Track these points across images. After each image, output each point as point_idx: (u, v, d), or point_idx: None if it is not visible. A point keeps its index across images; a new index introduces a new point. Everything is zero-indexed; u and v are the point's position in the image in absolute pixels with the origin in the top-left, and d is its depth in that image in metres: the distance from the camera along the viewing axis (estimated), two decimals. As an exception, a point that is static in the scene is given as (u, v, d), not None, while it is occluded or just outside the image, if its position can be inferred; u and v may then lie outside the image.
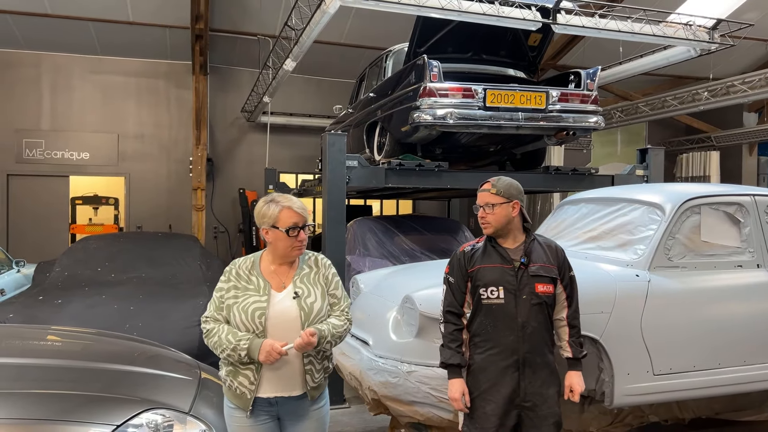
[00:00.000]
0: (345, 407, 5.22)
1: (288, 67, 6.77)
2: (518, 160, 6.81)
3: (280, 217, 2.40)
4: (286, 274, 2.49)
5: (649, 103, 10.45)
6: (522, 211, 2.77)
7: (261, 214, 2.44)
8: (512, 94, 5.41)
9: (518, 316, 2.68)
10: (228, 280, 2.47)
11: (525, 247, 2.75)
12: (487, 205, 2.75)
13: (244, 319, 2.36)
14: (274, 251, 2.45)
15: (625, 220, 3.91)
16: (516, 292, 2.69)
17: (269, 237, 2.43)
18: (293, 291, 2.44)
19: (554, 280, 2.73)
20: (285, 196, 2.46)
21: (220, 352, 2.37)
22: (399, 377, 3.28)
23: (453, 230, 7.43)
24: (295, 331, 2.38)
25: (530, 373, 2.69)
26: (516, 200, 2.74)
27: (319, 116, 10.82)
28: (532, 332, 2.68)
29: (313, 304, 2.44)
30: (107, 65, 10.34)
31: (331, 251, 5.25)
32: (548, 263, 2.74)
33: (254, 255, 2.53)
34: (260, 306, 2.38)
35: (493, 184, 2.78)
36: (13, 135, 9.94)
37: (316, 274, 2.53)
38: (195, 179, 9.59)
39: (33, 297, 5.24)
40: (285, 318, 2.40)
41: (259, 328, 2.36)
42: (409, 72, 5.61)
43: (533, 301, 2.69)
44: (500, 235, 2.76)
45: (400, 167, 5.48)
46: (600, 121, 5.74)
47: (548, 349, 2.75)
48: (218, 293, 2.46)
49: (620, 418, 3.93)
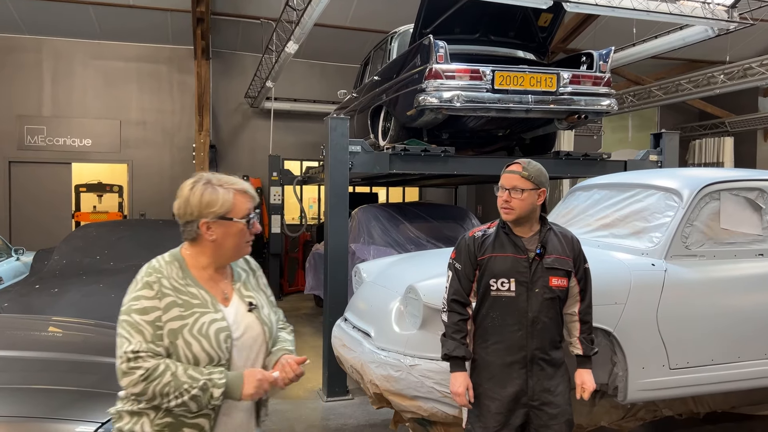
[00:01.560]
0: (348, 399, 5.10)
1: (290, 50, 6.59)
2: (527, 145, 6.62)
3: (236, 203, 1.77)
4: (223, 281, 1.86)
5: (662, 87, 10.19)
6: (544, 201, 2.58)
7: (206, 202, 1.74)
8: (522, 76, 5.22)
9: (529, 311, 2.50)
10: (160, 295, 1.71)
11: (541, 237, 2.55)
12: (514, 189, 2.51)
13: (206, 346, 1.70)
14: (219, 252, 1.80)
15: (639, 207, 3.73)
16: (528, 285, 2.51)
17: (214, 233, 1.76)
18: (245, 301, 1.86)
19: (569, 273, 2.56)
20: (220, 177, 1.82)
21: (173, 399, 1.64)
22: (402, 371, 3.13)
23: (460, 218, 7.28)
24: (260, 354, 1.86)
25: (538, 371, 2.53)
26: (544, 188, 2.55)
27: (324, 102, 10.64)
28: (543, 328, 2.52)
29: (270, 317, 1.92)
30: (109, 50, 10.18)
31: (333, 240, 5.10)
32: (564, 255, 2.56)
33: (172, 257, 1.81)
34: (221, 326, 1.74)
35: (524, 167, 2.55)
36: (14, 121, 9.84)
37: (254, 278, 1.99)
38: (198, 166, 9.45)
39: (30, 286, 5.14)
40: (249, 341, 1.82)
41: (226, 356, 1.74)
42: (415, 53, 5.42)
43: (546, 295, 2.51)
44: (518, 223, 2.56)
45: (405, 152, 5.30)
46: (613, 104, 5.54)
47: (557, 346, 2.59)
48: (148, 315, 1.68)
49: (632, 413, 3.78)
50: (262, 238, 10.24)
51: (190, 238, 1.79)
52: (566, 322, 2.64)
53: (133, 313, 1.69)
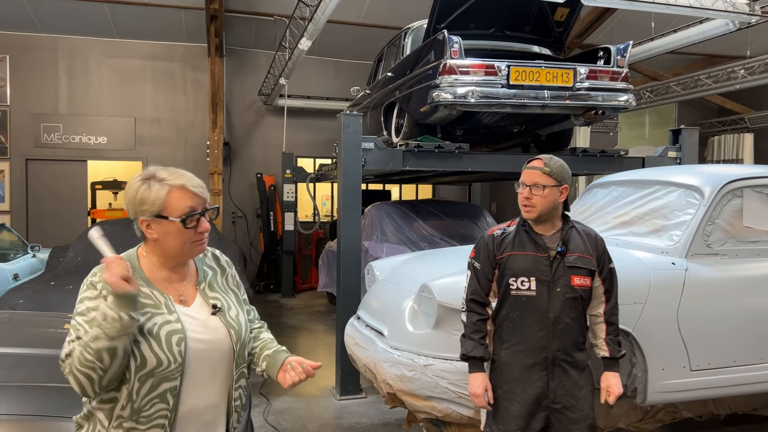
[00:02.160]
0: (361, 397, 5.07)
1: (303, 47, 6.55)
2: (543, 142, 6.53)
3: (170, 201, 1.63)
4: (183, 282, 1.75)
5: (680, 82, 10.02)
6: (566, 198, 2.51)
7: (139, 199, 1.63)
8: (537, 71, 5.13)
9: (550, 311, 2.42)
10: (105, 292, 1.57)
11: (562, 235, 2.47)
12: (536, 186, 2.43)
13: (155, 347, 1.58)
14: (164, 251, 1.69)
15: (659, 204, 3.65)
16: (549, 284, 2.42)
17: (154, 231, 1.66)
18: (208, 303, 1.75)
19: (592, 273, 2.47)
20: (171, 170, 1.69)
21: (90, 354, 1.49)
22: (415, 371, 3.08)
23: (474, 215, 7.21)
24: (226, 360, 1.74)
25: (560, 373, 2.45)
26: (566, 185, 2.47)
27: (338, 99, 10.60)
28: (564, 329, 2.43)
29: (238, 319, 1.79)
30: (123, 48, 10.23)
31: (346, 237, 5.06)
32: (587, 254, 2.47)
33: (126, 256, 1.71)
34: (174, 328, 1.63)
35: (546, 162, 2.47)
36: (31, 119, 9.92)
37: (223, 276, 1.87)
38: (212, 164, 9.48)
39: (45, 282, 5.16)
40: (211, 345, 1.70)
41: (178, 360, 1.61)
42: (429, 49, 5.36)
43: (568, 295, 2.42)
44: (541, 220, 2.47)
45: (419, 149, 5.24)
46: (631, 100, 5.44)
47: (581, 348, 2.50)
48: (89, 315, 1.56)
49: (651, 414, 3.71)
50: (276, 236, 10.25)
51: (139, 236, 1.71)
52: (591, 324, 2.56)
53: (76, 316, 1.60)
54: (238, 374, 1.79)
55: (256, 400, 4.91)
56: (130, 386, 1.60)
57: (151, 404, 1.61)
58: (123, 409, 1.61)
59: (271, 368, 1.82)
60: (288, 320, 8.16)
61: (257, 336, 1.94)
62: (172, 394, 1.63)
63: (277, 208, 10.26)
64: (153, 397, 1.61)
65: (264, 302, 9.38)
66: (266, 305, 9.16)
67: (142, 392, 1.60)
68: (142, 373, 1.59)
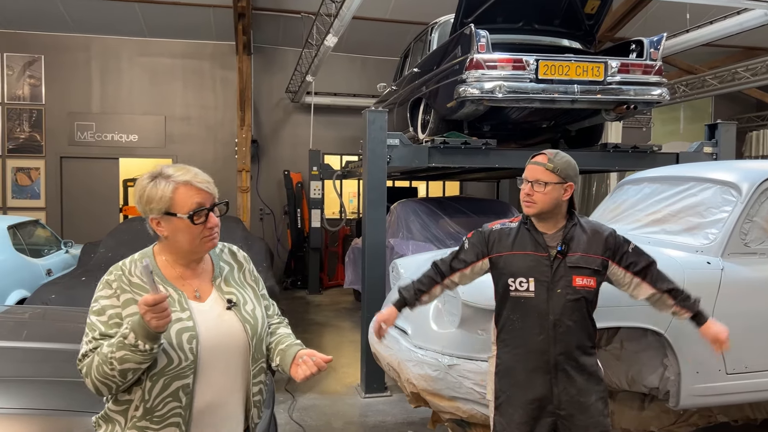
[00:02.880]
0: (386, 395, 5.04)
1: (329, 43, 6.54)
2: (573, 138, 6.39)
3: (176, 198, 1.64)
4: (198, 278, 1.75)
5: (717, 76, 9.70)
6: (572, 195, 2.39)
7: (147, 197, 1.65)
8: (567, 65, 5.02)
9: (550, 313, 2.30)
10: (119, 292, 1.62)
11: (564, 233, 2.35)
12: (537, 182, 2.32)
13: (165, 346, 1.58)
14: (175, 248, 1.70)
15: (694, 201, 3.53)
16: (549, 285, 2.30)
17: (164, 229, 1.67)
18: (224, 298, 1.75)
19: (597, 273, 2.33)
20: (179, 167, 1.70)
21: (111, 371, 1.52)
22: (440, 370, 3.03)
23: (501, 212, 7.10)
24: (241, 355, 1.73)
25: (564, 378, 2.33)
26: (571, 182, 2.35)
27: (364, 96, 10.58)
28: (566, 332, 2.31)
29: (254, 313, 1.77)
30: (154, 47, 10.37)
31: (371, 235, 5.04)
32: (590, 252, 2.34)
33: (142, 255, 1.74)
34: (185, 326, 1.62)
35: (549, 158, 2.35)
36: (65, 118, 10.13)
37: (240, 272, 1.87)
38: (240, 161, 9.55)
39: (76, 278, 5.26)
40: (225, 339, 1.69)
41: (190, 358, 1.61)
42: (456, 44, 5.28)
43: (569, 296, 2.30)
44: (543, 217, 2.37)
45: (444, 145, 5.18)
46: (664, 94, 5.28)
47: (588, 351, 2.37)
48: (104, 315, 1.60)
49: (684, 418, 3.59)
50: (303, 233, 10.29)
51: (152, 235, 1.72)
52: (654, 304, 2.46)
53: (91, 315, 1.62)
54: (257, 369, 1.78)
55: (281, 397, 4.92)
56: (143, 386, 1.60)
57: (163, 403, 1.61)
58: (137, 410, 1.62)
59: (284, 362, 1.81)
60: (314, 317, 8.18)
61: (274, 331, 1.92)
62: (184, 392, 1.62)
63: (304, 205, 10.30)
64: (165, 396, 1.61)
65: (291, 299, 9.43)
66: (293, 302, 9.20)
67: (154, 392, 1.60)
68: (153, 372, 1.59)
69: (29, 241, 6.22)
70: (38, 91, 10.07)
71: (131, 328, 1.50)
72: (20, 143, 10.05)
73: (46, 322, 3.64)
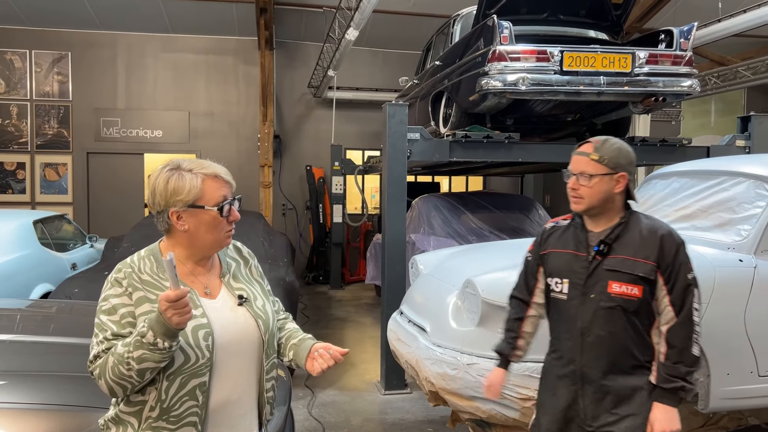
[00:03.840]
0: (406, 393, 4.99)
1: (350, 37, 6.49)
2: (599, 131, 6.23)
3: (205, 189, 1.60)
4: (207, 274, 1.71)
5: (750, 67, 9.39)
6: (628, 187, 2.10)
7: (171, 189, 1.59)
8: (593, 57, 4.88)
9: (578, 319, 2.09)
10: (131, 290, 1.58)
11: (611, 231, 2.09)
12: (582, 175, 2.07)
13: (182, 343, 1.54)
14: (195, 243, 1.65)
15: (725, 196, 3.39)
16: (583, 289, 2.08)
17: (186, 223, 1.61)
18: (234, 295, 1.71)
19: (642, 281, 2.02)
20: (196, 161, 1.66)
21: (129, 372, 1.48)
22: (458, 369, 2.97)
23: (525, 208, 6.99)
24: (255, 351, 1.70)
25: (591, 393, 2.10)
26: (623, 172, 2.07)
27: (387, 90, 10.50)
28: (596, 342, 2.07)
29: (265, 309, 1.74)
30: (178, 43, 10.45)
31: (391, 230, 4.98)
32: (638, 256, 2.03)
33: (149, 251, 1.68)
34: (200, 323, 1.58)
35: (595, 147, 2.09)
36: (92, 114, 10.27)
37: (246, 267, 1.83)
38: (262, 156, 9.57)
39: (99, 272, 5.30)
40: (239, 336, 1.66)
41: (206, 355, 1.57)
42: (478, 36, 5.19)
43: (602, 303, 2.05)
44: (593, 214, 2.12)
45: (466, 140, 5.09)
46: (695, 85, 5.10)
47: (623, 370, 2.08)
48: (115, 314, 1.56)
49: (714, 421, 3.48)
50: (325, 228, 10.28)
51: (164, 230, 1.66)
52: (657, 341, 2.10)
53: (101, 315, 1.57)
54: (269, 365, 1.75)
55: (301, 393, 4.90)
56: (159, 386, 1.56)
57: (180, 402, 1.57)
58: (152, 410, 1.58)
59: (299, 357, 1.77)
60: (336, 312, 8.16)
61: (282, 326, 1.90)
62: (201, 390, 1.59)
63: (326, 201, 10.29)
64: (182, 395, 1.57)
65: (313, 294, 9.43)
66: (315, 297, 9.21)
67: (171, 391, 1.56)
68: (170, 372, 1.56)
69: (54, 235, 6.31)
70: (65, 87, 10.23)
71: (149, 326, 1.45)
72: (48, 139, 10.22)
73: (69, 316, 3.66)
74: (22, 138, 10.16)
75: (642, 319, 2.06)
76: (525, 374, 2.84)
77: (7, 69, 10.06)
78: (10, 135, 10.12)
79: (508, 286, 2.47)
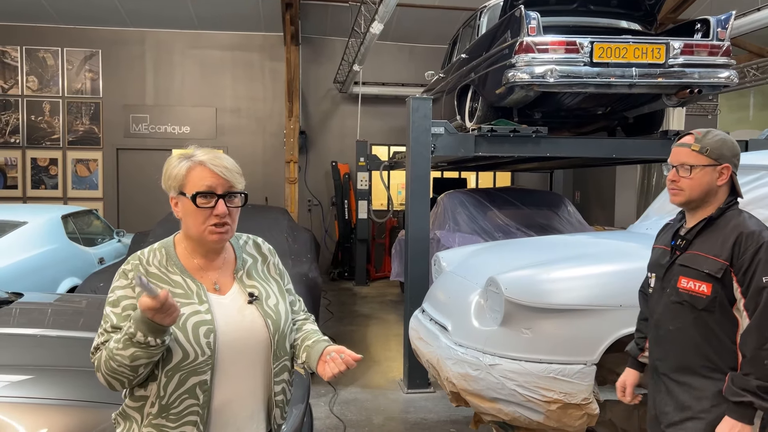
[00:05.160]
0: (429, 392, 4.91)
1: (375, 31, 6.40)
2: (631, 125, 6.04)
3: (189, 176, 1.58)
4: (219, 270, 1.67)
5: (792, 59, 9.02)
6: (732, 180, 2.02)
7: (166, 174, 1.62)
8: (624, 47, 4.71)
9: (654, 312, 2.14)
10: (134, 281, 1.55)
11: (694, 226, 2.05)
12: (682, 166, 2.02)
13: (182, 339, 1.51)
14: (188, 233, 1.63)
15: (764, 192, 3.21)
16: (662, 283, 2.10)
17: (179, 210, 1.62)
18: (245, 292, 1.66)
19: (712, 279, 1.93)
20: (207, 150, 1.63)
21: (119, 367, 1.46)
22: (480, 370, 2.87)
23: (554, 204, 6.82)
24: (262, 352, 1.64)
25: (663, 388, 2.10)
26: (727, 163, 2.00)
27: (413, 85, 10.41)
28: (666, 337, 2.07)
29: (277, 308, 1.68)
30: (205, 39, 10.51)
31: (414, 226, 4.89)
32: (712, 253, 1.95)
33: (162, 244, 1.68)
34: (203, 319, 1.54)
35: (697, 138, 2.04)
36: (121, 111, 10.41)
37: (264, 265, 1.78)
38: (288, 152, 9.57)
39: (124, 267, 5.34)
40: (245, 334, 1.61)
41: (207, 353, 1.52)
42: (505, 27, 5.05)
43: (672, 298, 2.04)
44: (693, 207, 2.05)
45: (492, 134, 4.97)
46: (732, 77, 4.89)
47: (694, 371, 2.00)
48: (118, 306, 1.54)
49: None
50: (350, 224, 10.24)
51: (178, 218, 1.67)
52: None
53: (107, 306, 1.57)
54: (279, 367, 1.68)
55: (323, 390, 4.86)
56: (158, 382, 1.53)
57: (180, 400, 1.53)
58: (152, 407, 1.55)
59: (311, 359, 1.70)
60: (360, 308, 8.11)
61: (300, 327, 1.82)
62: (201, 388, 1.54)
63: (352, 197, 10.24)
64: (182, 393, 1.53)
65: (337, 290, 9.40)
66: (340, 293, 9.18)
67: (169, 388, 1.52)
68: (168, 367, 1.52)
69: (83, 230, 6.39)
70: (96, 84, 10.38)
71: (136, 327, 1.42)
72: (79, 135, 10.40)
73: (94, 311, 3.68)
74: (55, 134, 10.36)
75: (718, 320, 1.95)
76: (550, 376, 2.74)
77: (40, 67, 10.26)
78: (43, 131, 10.33)
79: (533, 285, 2.37)
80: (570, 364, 2.74)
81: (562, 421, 2.78)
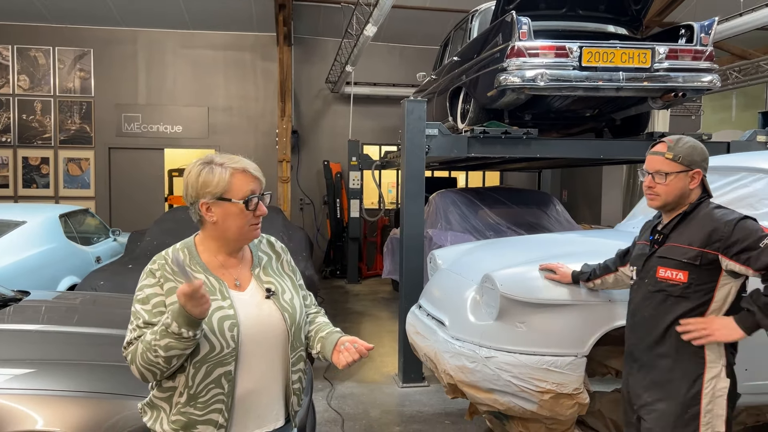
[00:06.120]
0: (423, 386, 5.04)
1: (369, 33, 6.52)
2: (618, 127, 6.22)
3: (233, 183, 1.69)
4: (238, 267, 1.79)
5: (772, 61, 9.26)
6: (703, 182, 2.21)
7: (202, 182, 1.68)
8: (612, 52, 4.87)
9: (632, 301, 2.35)
10: (162, 281, 1.67)
11: (668, 222, 2.24)
12: (657, 173, 2.19)
13: (208, 333, 1.62)
14: (223, 235, 1.73)
15: (745, 193, 3.38)
16: (641, 275, 2.30)
17: (214, 215, 1.70)
18: (263, 288, 1.78)
19: (688, 266, 2.11)
20: (228, 156, 1.75)
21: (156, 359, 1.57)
22: (477, 362, 3.01)
23: (542, 203, 6.99)
24: (280, 343, 1.76)
25: (636, 370, 2.31)
26: (698, 169, 2.18)
27: (404, 86, 10.54)
28: (642, 322, 2.27)
29: (293, 302, 1.81)
30: (197, 39, 10.56)
31: (409, 225, 5.02)
32: (688, 243, 2.13)
33: (183, 244, 1.78)
34: (227, 314, 1.66)
35: (669, 146, 2.19)
36: (113, 110, 10.43)
37: (278, 262, 1.91)
38: (280, 151, 9.66)
39: (123, 265, 5.41)
40: (264, 328, 1.73)
41: (231, 345, 1.65)
42: (496, 31, 5.19)
43: (650, 288, 2.24)
44: (670, 209, 2.24)
45: (484, 135, 5.11)
46: (715, 80, 5.07)
47: (666, 351, 2.19)
48: (148, 304, 1.65)
49: (733, 416, 3.47)
50: (342, 223, 10.36)
51: (196, 221, 1.76)
52: None
53: (136, 303, 1.67)
54: (296, 357, 1.81)
55: (320, 384, 4.98)
56: (186, 373, 1.65)
57: (207, 389, 1.65)
58: (180, 396, 1.67)
59: (326, 349, 1.83)
60: (353, 306, 8.24)
61: (313, 320, 1.96)
62: (227, 378, 1.66)
63: (344, 195, 10.36)
64: (209, 383, 1.65)
65: (330, 288, 9.52)
66: (332, 291, 9.29)
67: (197, 378, 1.65)
68: (196, 359, 1.64)
69: (79, 229, 6.45)
70: (87, 83, 10.40)
71: (172, 317, 1.53)
72: (71, 134, 10.41)
73: (95, 307, 3.77)
74: (46, 133, 10.36)
75: (690, 306, 2.14)
76: (543, 368, 2.88)
77: (31, 66, 10.25)
78: (35, 131, 10.33)
79: (526, 281, 2.52)
80: (562, 356, 2.88)
81: (555, 410, 2.93)
